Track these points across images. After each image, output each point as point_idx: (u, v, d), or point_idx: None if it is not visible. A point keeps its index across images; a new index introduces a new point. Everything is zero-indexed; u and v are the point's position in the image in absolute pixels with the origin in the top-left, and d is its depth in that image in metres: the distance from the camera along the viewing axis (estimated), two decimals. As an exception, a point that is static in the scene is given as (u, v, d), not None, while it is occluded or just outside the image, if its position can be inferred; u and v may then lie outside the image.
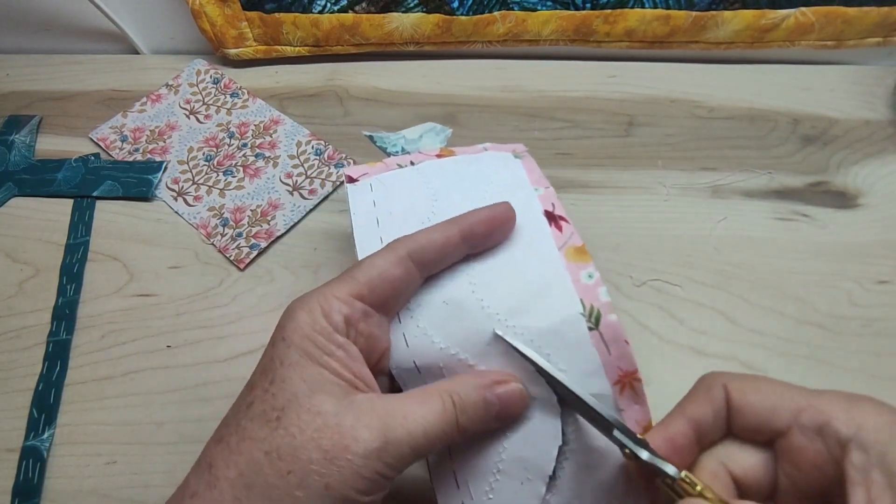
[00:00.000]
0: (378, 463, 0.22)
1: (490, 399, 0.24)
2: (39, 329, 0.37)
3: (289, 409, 0.23)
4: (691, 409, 0.24)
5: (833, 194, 0.41)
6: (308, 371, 0.23)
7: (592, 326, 0.26)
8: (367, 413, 0.23)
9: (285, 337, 0.24)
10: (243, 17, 0.45)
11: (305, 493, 0.22)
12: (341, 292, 0.24)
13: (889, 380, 0.34)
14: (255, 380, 0.24)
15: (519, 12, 0.44)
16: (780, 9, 0.43)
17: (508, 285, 0.27)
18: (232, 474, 0.22)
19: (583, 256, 0.27)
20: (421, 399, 0.24)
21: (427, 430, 0.23)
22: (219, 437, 0.24)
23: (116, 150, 0.44)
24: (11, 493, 0.32)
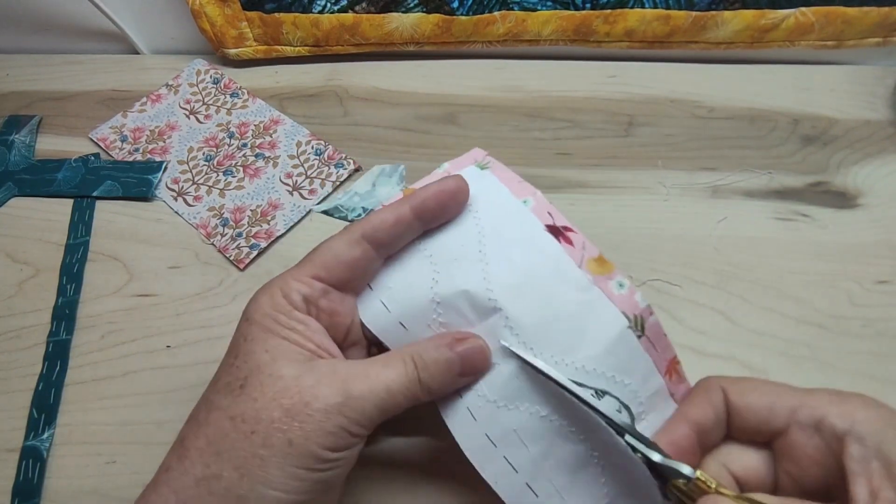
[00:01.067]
0: (340, 417, 0.23)
1: (451, 357, 0.25)
2: (39, 329, 0.37)
3: (251, 377, 0.24)
4: (692, 412, 0.24)
5: (833, 194, 0.41)
6: (270, 342, 0.24)
7: (640, 334, 0.27)
8: (327, 374, 0.24)
9: (248, 317, 0.25)
10: (243, 17, 0.45)
11: (270, 451, 0.22)
12: (299, 274, 0.26)
13: (889, 380, 0.34)
14: (223, 360, 0.25)
15: (519, 12, 0.44)
16: (780, 9, 0.43)
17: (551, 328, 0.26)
18: (201, 444, 0.23)
19: (605, 266, 0.27)
20: (384, 361, 0.25)
21: (389, 387, 0.24)
22: (190, 415, 0.25)
23: (116, 150, 0.44)
24: (11, 493, 0.32)
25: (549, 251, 0.27)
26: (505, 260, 0.27)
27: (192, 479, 0.22)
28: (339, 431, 0.23)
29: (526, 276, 0.27)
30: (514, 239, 0.27)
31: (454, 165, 0.30)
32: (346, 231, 0.27)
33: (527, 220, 0.28)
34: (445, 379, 0.25)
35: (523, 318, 0.26)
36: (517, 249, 0.27)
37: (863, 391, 0.33)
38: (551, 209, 0.28)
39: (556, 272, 0.27)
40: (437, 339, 0.26)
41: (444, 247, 0.27)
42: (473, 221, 0.28)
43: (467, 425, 0.26)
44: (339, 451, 0.23)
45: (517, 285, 0.26)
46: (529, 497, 0.26)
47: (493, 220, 0.28)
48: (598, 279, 0.27)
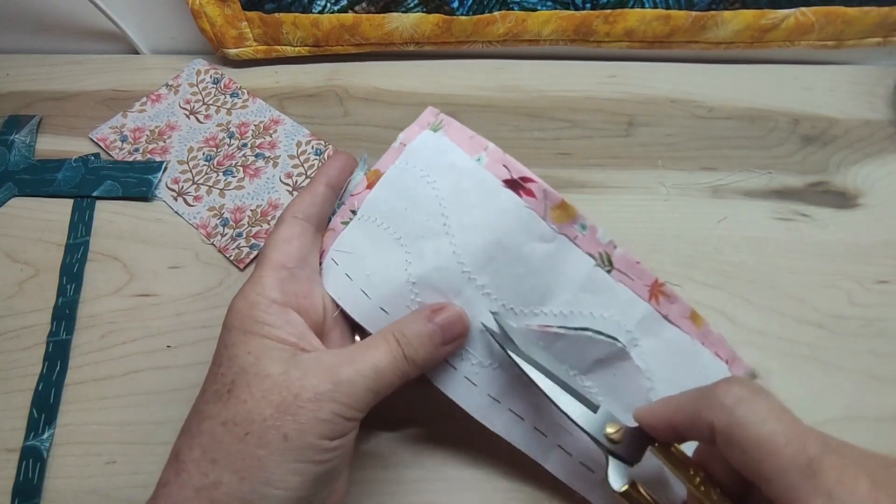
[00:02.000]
0: (333, 403, 0.23)
1: (431, 328, 0.26)
2: (39, 329, 0.37)
3: (238, 380, 0.23)
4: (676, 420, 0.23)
5: (833, 194, 0.41)
6: (252, 344, 0.24)
7: (609, 269, 0.28)
8: (313, 365, 0.24)
9: (227, 325, 0.25)
10: (243, 17, 0.45)
11: (267, 450, 0.22)
12: (265, 270, 0.26)
13: (889, 380, 0.34)
14: (209, 371, 0.25)
15: (519, 12, 0.44)
16: (780, 9, 0.43)
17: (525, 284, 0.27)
18: (196, 454, 0.23)
19: (568, 210, 0.28)
20: (367, 343, 0.25)
21: (376, 366, 0.24)
22: (183, 428, 0.24)
23: (116, 150, 0.44)
24: (11, 493, 0.32)
25: (510, 209, 0.27)
26: (469, 227, 0.27)
27: (192, 490, 0.22)
28: (333, 418, 0.23)
29: (493, 238, 0.27)
30: (473, 202, 0.27)
31: (408, 134, 0.30)
32: (279, 220, 0.29)
33: (483, 180, 0.27)
34: (429, 350, 0.26)
35: (497, 281, 0.27)
36: (479, 213, 0.27)
37: (863, 391, 0.34)
38: (507, 160, 0.28)
39: (520, 229, 0.27)
40: (416, 313, 0.26)
41: (410, 226, 0.28)
42: (432, 193, 0.28)
43: (469, 392, 0.27)
44: (336, 439, 0.23)
45: (485, 250, 0.27)
46: (538, 437, 0.28)
47: (450, 187, 0.28)
48: (563, 227, 0.28)
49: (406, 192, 0.28)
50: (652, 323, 0.28)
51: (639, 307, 0.28)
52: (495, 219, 0.27)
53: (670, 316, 0.29)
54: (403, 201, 0.28)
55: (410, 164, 0.29)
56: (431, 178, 0.28)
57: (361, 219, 0.29)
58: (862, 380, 0.34)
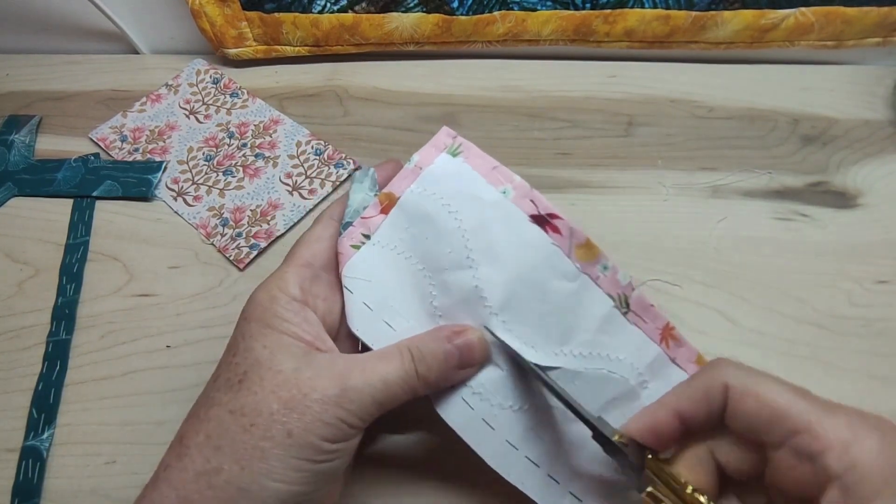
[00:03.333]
0: (338, 409, 0.23)
1: (449, 350, 0.25)
2: (39, 329, 0.37)
3: (251, 371, 0.24)
4: (684, 404, 0.24)
5: (833, 194, 0.41)
6: (269, 338, 0.24)
7: (626, 310, 0.28)
8: (326, 367, 0.24)
9: (246, 316, 0.26)
10: (243, 16, 0.45)
11: (270, 443, 0.22)
12: (289, 266, 0.27)
13: (889, 380, 0.34)
14: (222, 358, 0.25)
15: (519, 12, 0.44)
16: (780, 9, 0.43)
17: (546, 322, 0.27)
18: (201, 439, 0.23)
19: (592, 251, 0.28)
20: (380, 354, 0.25)
21: (386, 379, 0.24)
22: (190, 413, 0.25)
23: (116, 150, 0.44)
24: (11, 493, 0.32)
25: (537, 244, 0.27)
26: (493, 260, 0.27)
27: (192, 474, 0.22)
28: (336, 423, 0.23)
29: (517, 273, 0.27)
30: (499, 237, 0.27)
31: (424, 156, 0.29)
32: (317, 220, 0.29)
33: (510, 214, 0.27)
34: (443, 371, 0.25)
35: (519, 317, 0.27)
36: (504, 247, 0.27)
37: (863, 391, 0.34)
38: (534, 195, 0.28)
39: (546, 266, 0.27)
40: (435, 331, 0.26)
41: (434, 257, 0.27)
42: (456, 224, 0.27)
43: (486, 436, 0.26)
44: (338, 443, 0.24)
45: (509, 285, 0.27)
46: (553, 486, 0.27)
47: (475, 220, 0.27)
48: (586, 266, 0.28)
49: (427, 220, 0.27)
50: (661, 366, 0.29)
51: (650, 350, 0.28)
52: (521, 254, 0.27)
53: (678, 360, 0.29)
54: (425, 230, 0.27)
55: (429, 191, 0.28)
56: (454, 208, 0.27)
57: (377, 245, 0.28)
58: (862, 380, 0.34)
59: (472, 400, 0.27)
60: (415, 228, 0.28)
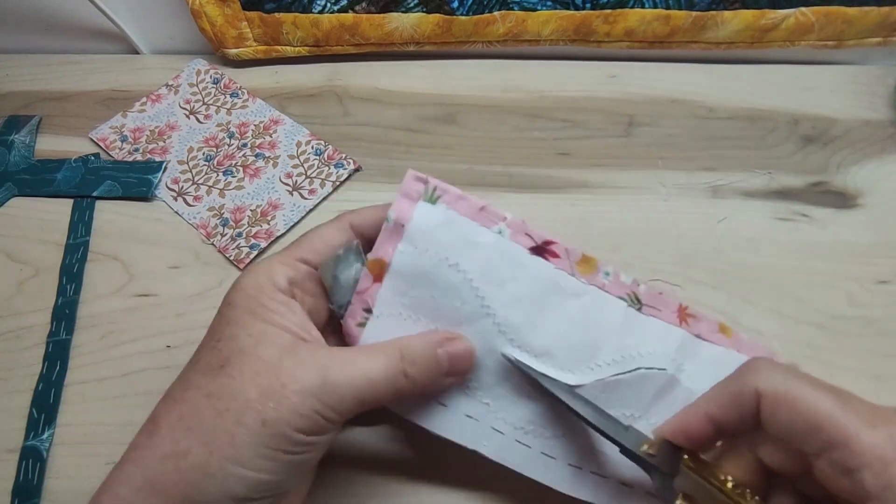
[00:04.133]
0: (315, 401, 0.23)
1: (440, 355, 0.25)
2: (39, 329, 0.37)
3: (233, 358, 0.23)
4: (717, 409, 0.23)
5: (833, 194, 0.41)
6: (254, 327, 0.24)
7: (639, 306, 0.29)
8: (308, 357, 0.23)
9: (230, 301, 0.25)
10: (243, 16, 0.45)
11: (242, 429, 0.22)
12: (285, 258, 0.26)
13: (889, 380, 0.34)
14: (203, 341, 0.25)
15: (519, 12, 0.44)
16: (780, 9, 0.43)
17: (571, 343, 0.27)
18: (173, 419, 0.23)
19: (590, 263, 0.28)
20: (368, 350, 0.25)
21: (370, 375, 0.24)
22: (166, 393, 0.25)
23: (116, 150, 0.44)
24: (11, 493, 0.32)
25: (543, 274, 0.27)
26: (509, 303, 0.26)
27: (160, 455, 0.22)
28: (312, 415, 0.23)
29: (533, 307, 0.27)
30: (506, 277, 0.27)
31: (400, 211, 0.27)
32: (336, 219, 0.28)
33: (510, 252, 0.27)
34: (432, 376, 0.25)
35: (549, 349, 0.27)
36: (514, 286, 0.27)
37: (863, 391, 0.33)
38: (527, 228, 0.27)
39: (555, 290, 0.27)
40: (427, 335, 0.26)
41: (445, 314, 0.27)
42: (461, 276, 0.26)
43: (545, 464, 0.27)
44: (312, 436, 0.23)
45: (529, 319, 0.27)
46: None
47: (479, 267, 0.26)
48: (590, 278, 0.28)
49: (427, 279, 0.26)
50: (690, 345, 0.29)
51: (674, 334, 0.29)
52: (531, 288, 0.27)
53: (702, 334, 0.30)
54: (427, 290, 0.26)
55: (421, 248, 0.26)
56: (454, 261, 0.26)
57: (381, 316, 0.27)
58: (862, 380, 0.34)
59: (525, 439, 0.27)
60: (416, 291, 0.26)
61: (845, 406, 0.20)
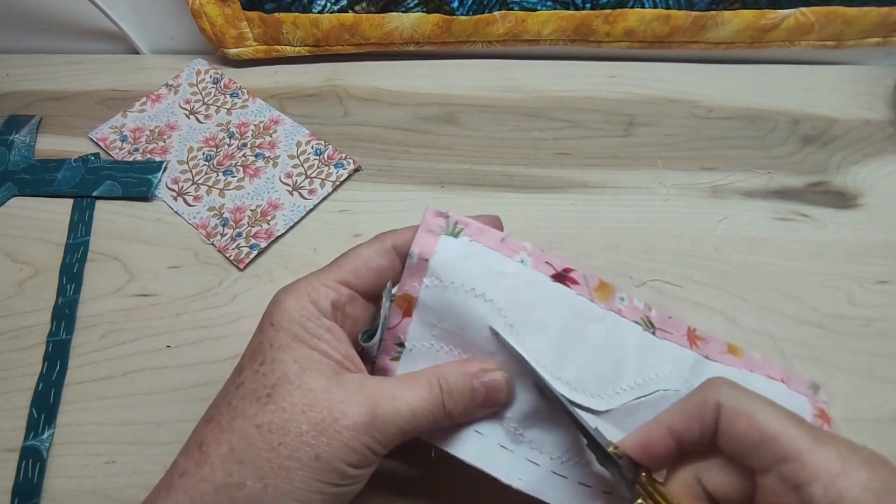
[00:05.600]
0: (366, 437, 0.23)
1: (476, 386, 0.25)
2: (39, 329, 0.37)
3: (279, 386, 0.23)
4: (679, 422, 0.24)
5: (833, 194, 0.41)
6: (298, 352, 0.24)
7: (653, 330, 0.29)
8: (356, 391, 0.24)
9: (274, 322, 0.25)
10: (243, 16, 0.45)
11: (296, 464, 0.22)
12: (328, 279, 0.26)
13: (889, 380, 0.34)
14: (244, 363, 0.25)
15: (519, 12, 0.44)
16: (780, 9, 0.43)
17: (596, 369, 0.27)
18: (224, 450, 0.23)
19: (607, 289, 0.29)
20: (410, 382, 0.25)
21: (414, 409, 0.24)
22: (208, 417, 0.24)
23: (116, 150, 0.44)
24: (11, 492, 0.32)
25: (566, 300, 0.27)
26: (537, 329, 0.26)
27: (212, 486, 0.22)
28: (363, 450, 0.23)
29: (559, 333, 0.27)
30: (532, 304, 0.27)
31: (422, 246, 0.27)
32: (377, 240, 0.27)
33: (534, 280, 0.27)
34: (468, 408, 0.25)
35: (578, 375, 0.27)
36: (540, 313, 0.27)
37: (862, 391, 0.34)
38: (548, 257, 0.28)
39: (578, 316, 0.27)
40: (462, 364, 0.26)
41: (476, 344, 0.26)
42: (489, 307, 0.26)
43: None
44: (361, 469, 0.24)
45: (558, 346, 0.27)
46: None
47: (507, 296, 0.26)
48: (608, 304, 0.28)
49: (455, 310, 0.26)
50: (701, 367, 0.30)
51: (686, 355, 0.29)
52: (557, 314, 0.27)
53: (711, 355, 0.30)
54: (456, 321, 0.26)
55: (447, 281, 0.26)
56: (480, 291, 0.26)
57: (414, 349, 0.27)
58: (862, 380, 0.34)
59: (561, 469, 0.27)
60: (445, 323, 0.27)
61: (798, 424, 0.21)
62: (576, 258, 0.38)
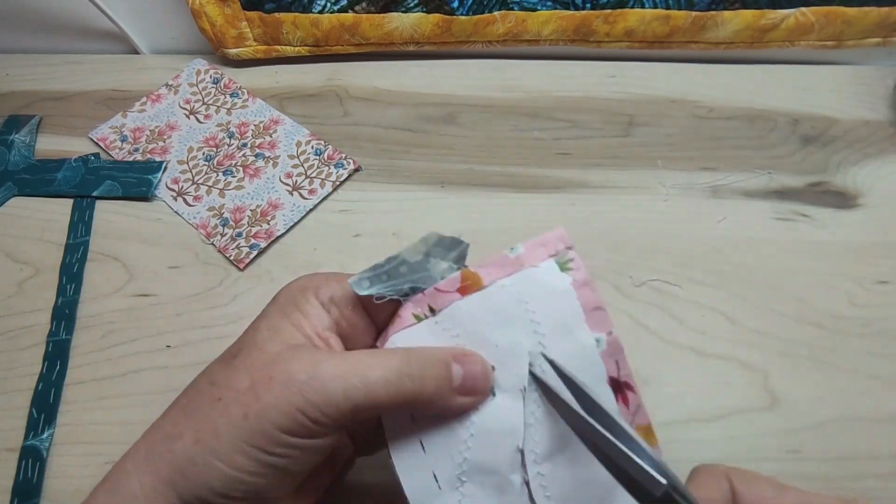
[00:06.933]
0: (298, 397, 0.21)
1: (455, 368, 0.23)
2: (39, 329, 0.37)
3: (245, 348, 0.23)
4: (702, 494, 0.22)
5: (833, 194, 0.41)
6: (275, 322, 0.24)
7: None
8: (303, 354, 0.22)
9: (275, 296, 0.25)
10: (243, 16, 0.45)
11: (226, 421, 0.21)
12: (340, 278, 0.25)
13: (889, 380, 0.34)
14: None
15: (519, 12, 0.44)
16: (780, 9, 0.43)
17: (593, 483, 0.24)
18: (183, 402, 0.23)
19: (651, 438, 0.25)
20: (374, 351, 0.23)
21: (366, 374, 0.21)
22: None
23: (116, 150, 0.44)
24: (11, 492, 0.32)
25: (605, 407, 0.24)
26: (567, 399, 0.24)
27: (161, 436, 0.22)
28: (293, 412, 0.21)
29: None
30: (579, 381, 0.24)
31: (529, 253, 0.25)
32: None
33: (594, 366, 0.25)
34: (440, 388, 0.23)
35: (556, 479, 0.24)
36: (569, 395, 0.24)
37: (863, 391, 0.34)
38: (620, 357, 0.25)
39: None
40: (441, 348, 0.24)
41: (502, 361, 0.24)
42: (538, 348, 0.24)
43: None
44: (295, 437, 0.21)
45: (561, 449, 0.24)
46: None
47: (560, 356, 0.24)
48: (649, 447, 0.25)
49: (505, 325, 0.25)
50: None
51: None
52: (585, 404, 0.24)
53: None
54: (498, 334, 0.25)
55: (521, 297, 0.25)
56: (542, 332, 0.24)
57: (439, 325, 0.25)
58: (861, 380, 0.34)
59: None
60: (488, 327, 0.25)
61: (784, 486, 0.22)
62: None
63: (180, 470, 0.21)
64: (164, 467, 0.22)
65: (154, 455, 0.22)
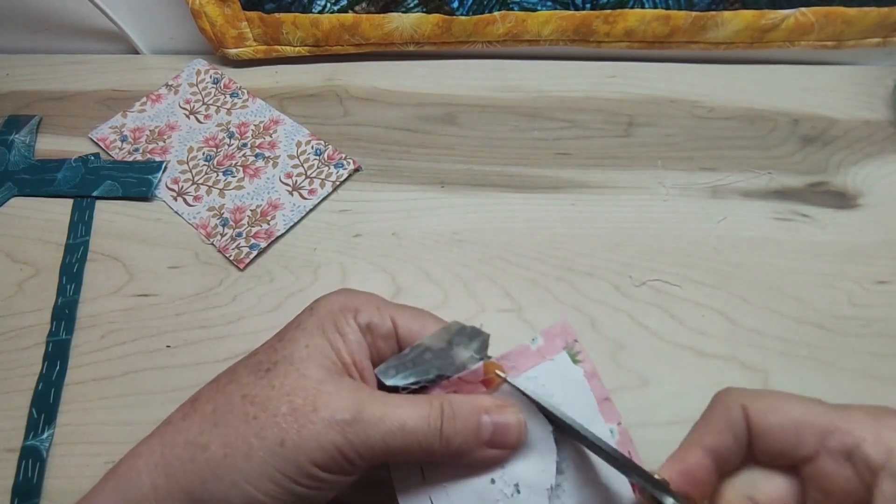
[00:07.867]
0: (340, 437, 0.21)
1: (484, 420, 0.23)
2: (39, 329, 0.37)
3: (281, 364, 0.23)
4: (710, 438, 0.22)
5: (833, 194, 0.41)
6: (314, 340, 0.23)
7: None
8: (348, 390, 0.22)
9: (314, 308, 0.25)
10: (243, 16, 0.45)
11: (260, 443, 0.21)
12: (384, 305, 0.25)
13: (889, 380, 0.34)
14: (272, 337, 0.25)
15: (519, 12, 0.44)
16: (780, 9, 0.43)
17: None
18: (208, 409, 0.22)
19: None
20: (409, 399, 0.23)
21: (405, 423, 0.22)
22: (215, 378, 0.24)
23: (116, 150, 0.44)
24: (11, 492, 0.32)
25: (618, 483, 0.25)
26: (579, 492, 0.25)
27: (183, 439, 0.22)
28: (333, 450, 0.21)
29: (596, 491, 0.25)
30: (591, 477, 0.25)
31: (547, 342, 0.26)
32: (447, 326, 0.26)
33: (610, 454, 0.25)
34: (470, 441, 0.23)
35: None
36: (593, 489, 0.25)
37: (863, 391, 0.34)
38: (631, 448, 0.25)
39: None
40: (475, 398, 0.24)
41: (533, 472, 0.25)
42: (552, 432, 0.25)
43: None
44: (327, 473, 0.21)
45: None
46: None
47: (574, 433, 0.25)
48: None
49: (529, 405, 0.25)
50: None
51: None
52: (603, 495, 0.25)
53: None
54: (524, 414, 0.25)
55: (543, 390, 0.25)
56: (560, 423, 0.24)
57: None
58: (862, 380, 0.34)
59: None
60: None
61: (817, 401, 0.22)
62: (576, 258, 0.38)
63: (202, 481, 0.21)
64: (183, 475, 0.21)
65: (173, 459, 0.22)
